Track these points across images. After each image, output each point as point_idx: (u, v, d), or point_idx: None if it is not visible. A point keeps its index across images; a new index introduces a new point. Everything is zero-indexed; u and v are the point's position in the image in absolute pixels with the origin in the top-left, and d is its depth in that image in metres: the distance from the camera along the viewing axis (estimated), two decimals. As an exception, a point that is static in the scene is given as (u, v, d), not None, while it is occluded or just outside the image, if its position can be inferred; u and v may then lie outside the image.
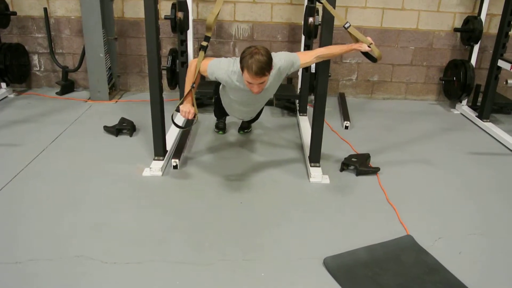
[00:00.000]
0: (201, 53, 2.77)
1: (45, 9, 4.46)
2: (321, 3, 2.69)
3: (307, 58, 2.82)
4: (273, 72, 2.65)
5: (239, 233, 2.47)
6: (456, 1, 4.59)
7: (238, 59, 2.62)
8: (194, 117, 2.77)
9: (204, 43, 2.79)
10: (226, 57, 2.84)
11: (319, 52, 2.81)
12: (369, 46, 2.76)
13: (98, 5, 4.20)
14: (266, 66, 2.47)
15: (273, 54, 2.63)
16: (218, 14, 2.76)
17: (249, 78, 2.51)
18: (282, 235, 2.46)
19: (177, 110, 2.83)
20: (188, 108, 2.74)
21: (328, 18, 2.76)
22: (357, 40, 2.81)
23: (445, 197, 2.94)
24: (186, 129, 3.60)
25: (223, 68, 2.70)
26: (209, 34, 2.79)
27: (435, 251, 2.34)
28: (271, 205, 2.76)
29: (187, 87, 2.78)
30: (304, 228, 2.53)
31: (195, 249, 2.31)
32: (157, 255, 2.24)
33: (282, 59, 2.71)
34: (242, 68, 2.52)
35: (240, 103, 2.96)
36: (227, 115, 3.45)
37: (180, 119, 3.72)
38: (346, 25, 2.75)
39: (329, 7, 2.67)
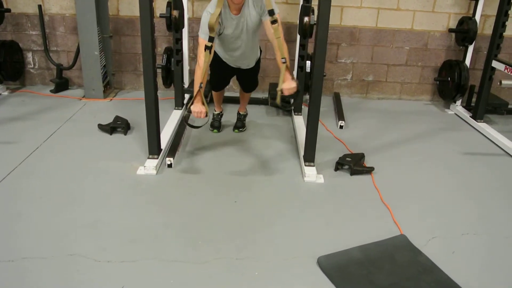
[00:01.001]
0: (207, 53, 2.85)
1: (40, 6, 4.43)
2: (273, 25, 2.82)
3: (272, 29, 2.84)
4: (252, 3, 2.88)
5: (233, 231, 2.47)
6: (451, 1, 4.60)
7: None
8: (206, 115, 2.86)
9: (209, 44, 2.85)
10: None
11: (278, 40, 2.83)
12: (277, 91, 2.84)
13: (93, 3, 4.18)
14: None
15: None
16: (219, 14, 2.81)
17: None
18: (276, 234, 2.46)
19: (189, 111, 2.89)
20: (199, 108, 2.84)
21: (324, 18, 2.76)
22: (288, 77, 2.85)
23: (439, 197, 2.95)
24: (180, 127, 3.61)
25: (206, 21, 2.82)
26: (212, 35, 2.85)
27: (428, 250, 2.35)
28: (265, 204, 2.76)
29: (196, 88, 2.86)
30: (298, 227, 2.53)
31: (190, 248, 2.31)
32: (152, 254, 2.24)
33: None
34: None
35: (233, 44, 3.11)
36: (223, 81, 3.58)
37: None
38: (282, 60, 2.82)
39: (278, 34, 2.81)
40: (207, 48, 2.86)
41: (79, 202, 2.67)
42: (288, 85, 2.79)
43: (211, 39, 2.85)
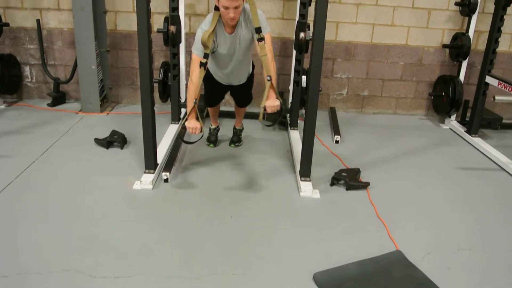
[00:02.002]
0: (201, 69, 2.88)
1: (38, 21, 4.47)
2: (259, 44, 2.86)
3: (266, 44, 2.90)
4: (246, 19, 2.91)
5: (229, 247, 2.46)
6: (444, 17, 4.67)
7: (208, 15, 2.94)
8: (201, 131, 2.89)
9: (203, 60, 2.88)
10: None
11: (266, 57, 2.89)
12: (261, 107, 2.85)
13: (91, 18, 4.22)
14: None
15: (257, 10, 2.88)
16: (213, 30, 2.85)
17: (225, 2, 2.70)
18: (272, 250, 2.46)
19: (184, 127, 2.90)
20: (194, 124, 2.87)
21: (319, 33, 2.80)
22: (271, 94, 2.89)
23: (435, 212, 2.96)
24: (176, 142, 3.62)
25: (200, 38, 2.86)
26: (207, 51, 2.88)
27: (424, 266, 2.36)
28: (261, 219, 2.76)
29: (190, 104, 2.88)
30: (294, 243, 2.53)
31: (185, 263, 2.30)
32: (147, 269, 2.23)
33: (257, 15, 2.87)
34: None
35: (225, 62, 3.13)
36: (217, 98, 3.58)
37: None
38: (267, 78, 2.86)
39: (264, 52, 2.86)
40: (202, 64, 2.89)
41: (75, 217, 2.66)
42: (271, 102, 2.83)
43: (205, 56, 2.88)
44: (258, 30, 2.86)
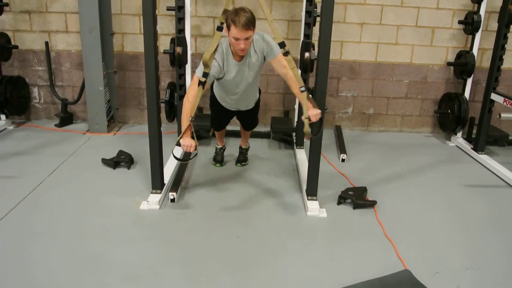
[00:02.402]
0: (200, 88, 2.83)
1: (47, 43, 4.55)
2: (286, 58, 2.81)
3: (280, 65, 2.93)
4: (255, 49, 2.90)
5: (235, 267, 2.45)
6: (448, 36, 4.70)
7: (221, 39, 2.88)
8: (195, 149, 2.83)
9: (203, 79, 2.84)
10: None
11: (288, 75, 2.90)
12: (304, 119, 2.76)
13: (99, 40, 4.29)
14: (251, 20, 2.70)
15: (263, 34, 2.93)
16: (215, 50, 2.83)
17: (236, 33, 2.68)
18: (279, 270, 2.45)
19: (178, 144, 2.87)
20: (188, 142, 2.80)
21: (324, 53, 2.83)
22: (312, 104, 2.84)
23: (443, 231, 2.94)
24: (185, 162, 3.63)
25: (217, 57, 2.87)
26: (206, 71, 2.84)
27: (433, 285, 2.33)
28: (268, 239, 2.75)
29: (185, 121, 2.83)
30: (301, 263, 2.52)
31: (191, 284, 2.30)
32: (154, 291, 2.23)
33: (265, 39, 2.92)
34: (228, 26, 2.71)
35: (233, 88, 3.11)
36: (224, 122, 3.58)
37: (179, 153, 3.73)
38: (301, 89, 2.78)
39: (292, 65, 2.79)
40: (201, 83, 2.84)
41: (81, 237, 2.67)
42: (313, 111, 2.74)
43: (205, 75, 2.85)
44: (282, 44, 2.79)
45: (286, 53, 2.79)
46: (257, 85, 3.34)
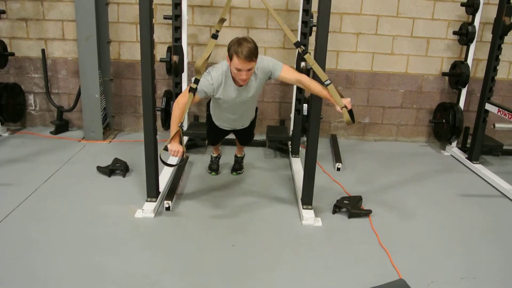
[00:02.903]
0: (190, 94, 2.79)
1: (43, 50, 4.55)
2: (305, 59, 2.77)
3: (289, 73, 2.90)
4: (256, 73, 2.81)
5: (230, 276, 2.45)
6: (443, 46, 4.74)
7: (222, 62, 2.86)
8: (183, 155, 2.80)
9: (194, 86, 2.80)
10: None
11: (302, 78, 2.89)
12: (341, 109, 2.72)
13: (95, 47, 4.29)
14: (254, 51, 2.64)
15: (260, 56, 2.78)
16: (208, 58, 2.78)
17: (238, 64, 2.64)
18: (274, 279, 2.44)
19: (165, 149, 2.85)
20: (176, 147, 2.77)
21: (320, 62, 2.83)
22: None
23: (437, 240, 2.94)
24: (180, 170, 3.63)
25: (208, 82, 2.81)
26: (198, 77, 2.81)
27: (428, 295, 2.34)
28: (263, 248, 2.75)
29: (174, 127, 2.82)
30: (296, 272, 2.52)
31: (187, 293, 2.29)
32: (148, 300, 2.22)
33: (265, 61, 2.85)
34: (230, 56, 2.68)
35: (229, 110, 3.05)
36: (219, 137, 3.54)
37: (168, 158, 3.73)
38: (327, 82, 2.74)
39: (311, 61, 2.75)
40: (192, 89, 2.79)
41: (76, 246, 2.65)
42: (346, 100, 2.73)
43: (196, 81, 2.82)
44: (298, 44, 2.74)
45: (304, 52, 2.77)
46: (255, 106, 3.31)
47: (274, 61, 2.90)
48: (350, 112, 2.74)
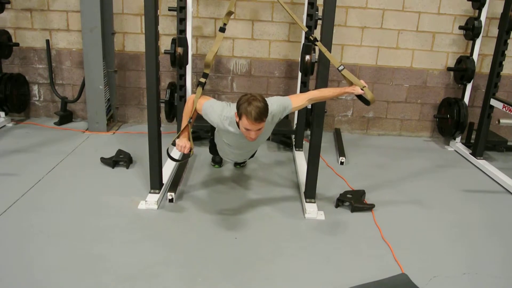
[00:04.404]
0: (199, 89, 2.80)
1: (48, 41, 4.54)
2: (316, 45, 2.75)
3: (299, 101, 2.84)
4: (268, 118, 2.63)
5: (233, 269, 2.45)
6: (449, 41, 4.71)
7: (232, 104, 2.67)
8: (190, 151, 2.77)
9: (202, 80, 2.82)
10: (222, 97, 2.85)
11: (311, 95, 2.86)
12: (362, 89, 2.78)
13: (100, 39, 4.29)
14: (264, 112, 2.48)
15: (266, 99, 2.63)
16: (217, 52, 2.81)
17: (247, 124, 2.48)
18: (276, 272, 2.45)
19: (173, 144, 2.85)
20: (184, 143, 2.74)
21: (325, 56, 2.83)
22: (351, 83, 2.85)
23: (440, 235, 2.94)
24: (183, 162, 3.63)
25: (216, 112, 2.69)
26: (207, 71, 2.82)
27: (430, 290, 2.34)
28: (265, 241, 2.75)
29: (184, 122, 2.81)
30: (298, 265, 2.52)
31: (188, 285, 2.30)
32: (151, 290, 2.23)
33: (274, 104, 2.70)
34: (240, 115, 2.50)
35: (233, 147, 2.92)
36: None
37: (175, 153, 3.74)
38: (340, 68, 2.78)
39: (323, 49, 2.73)
40: (200, 84, 2.80)
41: (79, 237, 2.67)
42: (363, 81, 2.82)
43: (205, 76, 2.82)
44: (309, 32, 2.74)
45: (315, 39, 2.73)
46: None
47: (281, 100, 2.78)
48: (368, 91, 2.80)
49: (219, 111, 2.69)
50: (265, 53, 4.70)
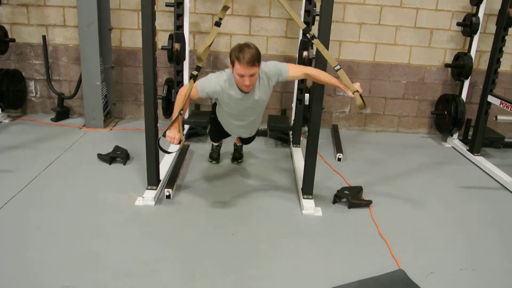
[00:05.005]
0: (191, 81, 2.79)
1: (44, 37, 4.52)
2: (313, 43, 2.74)
3: (296, 71, 2.89)
4: (263, 78, 2.76)
5: (230, 265, 2.45)
6: (447, 37, 4.71)
7: (225, 69, 2.79)
8: (179, 143, 2.78)
9: (195, 73, 2.80)
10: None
11: (309, 70, 2.89)
12: (353, 94, 2.75)
13: (96, 34, 4.27)
14: (256, 56, 2.59)
15: (263, 63, 2.75)
16: (210, 45, 2.77)
17: (240, 69, 2.60)
18: (273, 269, 2.45)
19: (164, 135, 2.84)
20: (174, 134, 2.76)
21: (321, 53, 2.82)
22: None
23: (437, 231, 2.95)
24: (179, 158, 3.63)
25: (212, 81, 2.79)
26: (200, 64, 2.80)
27: (427, 285, 2.34)
28: (263, 237, 2.75)
29: (175, 113, 2.81)
30: (295, 261, 2.52)
31: (186, 281, 2.29)
32: (148, 287, 2.22)
33: (270, 66, 2.81)
34: (232, 62, 2.64)
35: (235, 116, 2.99)
36: (223, 136, 3.52)
37: (166, 145, 3.72)
38: (336, 68, 2.74)
39: (321, 47, 2.72)
40: (192, 76, 2.79)
41: (76, 233, 2.66)
42: (357, 84, 2.79)
43: (198, 69, 2.80)
44: (307, 30, 2.74)
45: (312, 37, 2.73)
46: (262, 113, 3.19)
47: (278, 64, 2.84)
48: (360, 96, 2.77)
49: (215, 79, 2.79)
50: (262, 49, 4.66)
